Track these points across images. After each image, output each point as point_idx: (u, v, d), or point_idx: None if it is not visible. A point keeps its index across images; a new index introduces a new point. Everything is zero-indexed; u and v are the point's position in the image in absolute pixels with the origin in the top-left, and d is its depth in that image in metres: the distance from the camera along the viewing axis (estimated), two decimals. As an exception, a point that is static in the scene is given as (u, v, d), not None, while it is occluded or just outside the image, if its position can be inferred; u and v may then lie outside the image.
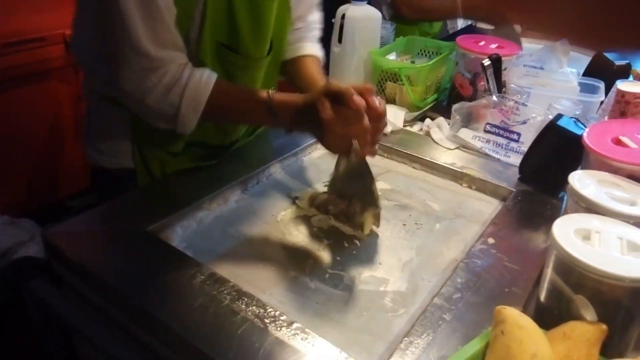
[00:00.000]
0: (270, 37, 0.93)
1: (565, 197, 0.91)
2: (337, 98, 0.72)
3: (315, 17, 1.07)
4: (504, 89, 1.16)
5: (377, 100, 0.75)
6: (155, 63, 0.77)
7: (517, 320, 0.53)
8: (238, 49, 0.88)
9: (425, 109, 1.26)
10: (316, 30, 1.07)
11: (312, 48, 1.04)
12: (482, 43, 1.25)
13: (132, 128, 0.91)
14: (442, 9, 1.67)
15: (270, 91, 0.81)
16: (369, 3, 1.28)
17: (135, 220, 0.78)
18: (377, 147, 0.82)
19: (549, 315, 0.62)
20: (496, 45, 1.24)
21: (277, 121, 0.82)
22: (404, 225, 0.86)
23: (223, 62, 0.89)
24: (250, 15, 0.86)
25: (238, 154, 1.01)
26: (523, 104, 1.05)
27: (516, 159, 1.01)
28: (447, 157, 1.05)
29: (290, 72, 1.02)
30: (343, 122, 0.72)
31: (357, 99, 0.71)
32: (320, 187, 0.93)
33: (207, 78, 0.81)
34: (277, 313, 0.61)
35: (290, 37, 1.01)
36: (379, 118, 0.76)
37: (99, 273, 0.67)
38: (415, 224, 0.87)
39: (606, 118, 1.01)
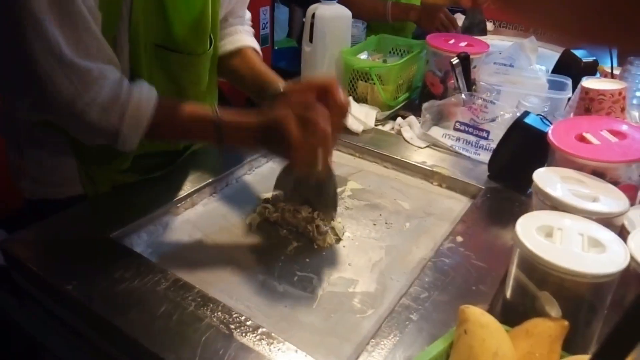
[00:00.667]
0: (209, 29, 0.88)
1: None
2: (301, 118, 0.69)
3: (248, 15, 1.05)
4: (474, 87, 1.17)
5: (342, 95, 0.74)
6: (83, 76, 0.69)
7: (479, 319, 0.53)
8: (177, 47, 0.83)
9: (397, 107, 1.26)
10: (250, 27, 1.04)
11: (251, 40, 1.00)
12: (451, 41, 1.25)
13: (74, 150, 0.84)
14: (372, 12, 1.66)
15: (217, 110, 0.76)
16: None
17: (98, 226, 0.76)
18: (336, 140, 0.79)
19: (515, 313, 0.63)
20: (465, 43, 1.25)
21: (225, 142, 0.76)
22: (374, 225, 0.86)
23: (162, 64, 0.83)
24: (184, 8, 0.81)
25: (199, 157, 0.99)
26: (492, 102, 1.06)
27: (486, 157, 1.02)
28: (418, 155, 1.05)
29: (230, 65, 0.97)
30: (308, 136, 0.69)
31: (323, 123, 0.69)
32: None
33: (147, 95, 0.75)
34: (243, 318, 0.61)
35: (224, 32, 0.97)
36: (342, 114, 0.75)
37: (59, 283, 0.65)
38: (386, 223, 0.86)
39: (572, 115, 1.02)
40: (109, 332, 0.61)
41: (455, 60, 1.10)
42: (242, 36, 0.99)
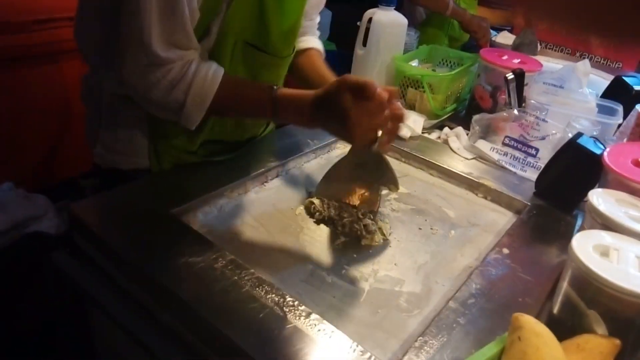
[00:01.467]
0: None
1: (580, 215, 0.93)
2: (358, 91, 0.70)
3: (318, 19, 1.09)
4: (524, 104, 1.17)
5: (399, 104, 0.76)
6: (161, 61, 0.75)
7: (534, 327, 0.54)
8: (266, 48, 0.88)
9: (443, 117, 1.27)
10: (316, 30, 1.08)
11: (317, 42, 1.05)
12: (505, 57, 1.26)
13: (149, 125, 0.89)
14: None
15: (275, 86, 0.79)
16: (396, 9, 1.29)
17: (159, 202, 0.79)
18: (390, 146, 0.82)
19: (561, 328, 0.63)
20: (519, 60, 1.26)
21: (284, 117, 0.81)
22: (420, 229, 0.87)
23: (247, 60, 0.88)
24: (279, 13, 0.86)
25: (257, 148, 1.02)
26: (543, 120, 1.06)
27: (532, 174, 1.02)
28: (464, 166, 1.06)
29: (297, 64, 1.01)
30: (366, 113, 0.70)
31: (380, 91, 0.69)
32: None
33: (213, 74, 0.79)
34: (296, 303, 0.63)
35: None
36: (398, 120, 0.76)
37: (121, 249, 0.68)
38: (431, 229, 0.88)
39: (625, 140, 1.02)
40: (167, 300, 0.64)
41: (510, 76, 1.11)
42: (309, 38, 1.04)
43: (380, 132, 0.74)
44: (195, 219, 0.80)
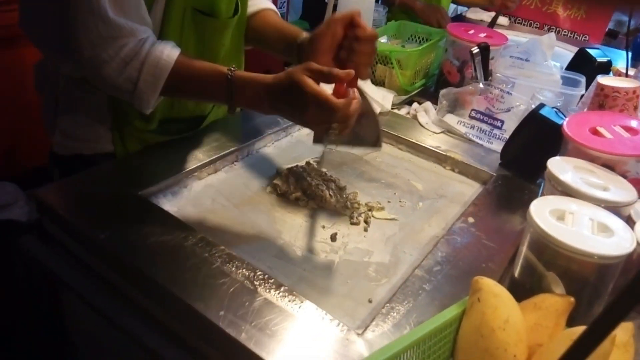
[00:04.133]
0: None
1: (543, 182, 0.96)
2: (321, 78, 0.68)
3: None
4: (490, 78, 1.19)
5: (366, 26, 0.77)
6: (113, 31, 0.73)
7: (492, 288, 0.57)
8: (212, 12, 0.86)
9: (413, 93, 1.28)
10: None
11: (269, 3, 1.03)
12: (471, 32, 1.28)
13: (108, 108, 0.87)
14: None
15: (232, 70, 0.75)
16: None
17: (126, 184, 0.79)
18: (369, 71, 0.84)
19: (522, 290, 0.66)
20: (485, 34, 1.27)
21: (240, 103, 0.77)
22: (389, 202, 0.89)
23: (197, 27, 0.86)
24: None
25: (226, 127, 1.02)
26: (508, 93, 1.09)
27: (498, 146, 1.05)
28: (432, 140, 1.08)
29: (253, 28, 0.99)
30: (322, 117, 0.68)
31: (342, 75, 0.67)
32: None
33: (168, 54, 0.76)
34: (267, 276, 0.64)
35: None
36: (370, 40, 0.77)
37: (91, 231, 0.69)
38: (399, 201, 0.90)
39: (585, 110, 1.05)
40: (139, 280, 0.65)
41: (475, 50, 1.13)
42: (261, 0, 1.01)
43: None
44: (164, 200, 0.80)
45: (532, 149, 0.95)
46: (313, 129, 0.77)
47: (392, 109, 1.20)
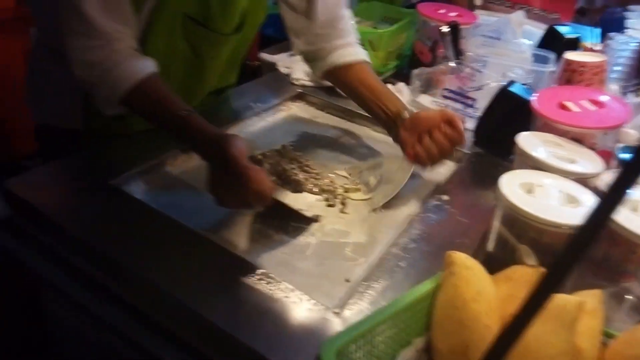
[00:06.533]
0: (240, 13, 0.90)
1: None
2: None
3: (345, 24, 1.00)
4: (461, 57, 1.20)
5: (461, 126, 0.82)
6: (91, 30, 0.72)
7: (464, 262, 0.58)
8: (207, 23, 0.85)
9: (386, 74, 1.29)
10: (350, 34, 1.00)
11: (363, 53, 1.00)
12: (442, 11, 1.28)
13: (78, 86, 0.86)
14: None
15: (187, 114, 0.74)
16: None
17: (97, 173, 0.78)
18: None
19: (496, 263, 0.68)
20: (455, 13, 1.28)
21: (186, 145, 0.78)
22: (365, 184, 0.90)
23: (187, 34, 0.85)
24: None
25: (201, 113, 1.00)
26: (479, 71, 1.10)
27: (471, 124, 1.06)
28: (406, 121, 1.08)
29: (346, 80, 0.97)
30: (233, 195, 0.67)
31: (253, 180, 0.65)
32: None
33: (135, 71, 0.75)
34: (242, 260, 0.64)
35: (334, 42, 0.97)
36: (459, 143, 0.83)
37: (63, 223, 0.68)
38: (375, 182, 0.90)
39: (553, 86, 1.06)
40: (114, 270, 0.64)
41: (445, 29, 1.13)
42: (354, 49, 0.99)
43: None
44: (137, 188, 0.80)
45: (503, 125, 0.96)
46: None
47: (366, 91, 1.20)
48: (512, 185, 0.66)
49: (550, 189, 0.66)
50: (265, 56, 1.41)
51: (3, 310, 1.04)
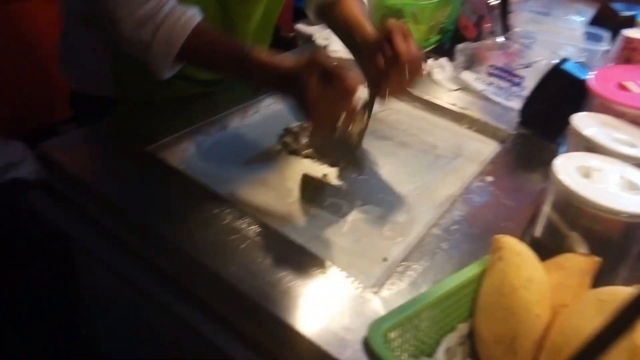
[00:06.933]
0: None
1: (563, 141, 0.92)
2: (326, 75, 0.64)
3: None
4: (509, 32, 1.14)
5: (404, 44, 0.69)
6: None
7: (514, 247, 0.54)
8: None
9: (427, 49, 1.23)
10: None
11: None
12: (490, -16, 1.21)
13: (113, 53, 0.85)
14: None
15: (248, 49, 0.73)
16: None
17: (132, 139, 0.77)
18: (403, 93, 0.79)
19: (543, 250, 0.64)
20: (504, -14, 1.21)
21: (251, 81, 0.75)
22: (403, 161, 0.86)
23: None
24: None
25: (234, 84, 0.98)
26: (528, 48, 1.04)
27: (517, 103, 1.01)
28: (448, 97, 1.04)
29: (331, 16, 0.91)
30: (328, 101, 0.65)
31: (350, 80, 0.63)
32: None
33: (186, 20, 0.73)
34: (278, 233, 0.62)
35: None
36: (409, 63, 0.69)
37: (98, 187, 0.67)
38: (415, 160, 0.87)
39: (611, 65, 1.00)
40: (149, 237, 0.63)
41: (494, 2, 1.07)
42: None
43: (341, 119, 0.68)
44: (172, 156, 0.78)
45: (553, 105, 0.91)
46: (315, 123, 0.69)
47: (406, 65, 1.15)
48: (567, 167, 0.62)
49: (609, 173, 0.61)
50: (302, 27, 1.37)
51: (38, 270, 1.06)
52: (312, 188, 0.77)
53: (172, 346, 0.77)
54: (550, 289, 0.53)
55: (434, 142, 0.93)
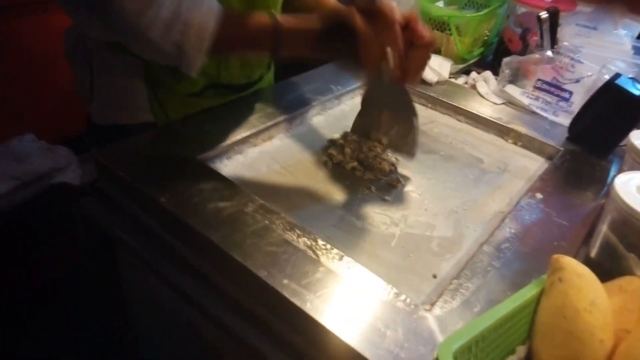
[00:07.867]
0: None
1: (615, 161, 0.90)
2: (370, 13, 0.69)
3: None
4: (556, 46, 1.12)
5: (423, 28, 0.73)
6: None
7: (575, 268, 0.53)
8: None
9: (470, 62, 1.22)
10: None
11: None
12: (536, -3, 1.20)
13: (146, 72, 0.84)
14: None
15: (277, 19, 0.73)
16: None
17: (182, 148, 0.78)
18: (420, 77, 0.80)
19: (598, 271, 0.62)
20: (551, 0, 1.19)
21: (287, 49, 0.75)
22: (449, 175, 0.85)
23: None
24: None
25: (278, 94, 0.99)
26: (578, 62, 1.02)
27: (564, 119, 0.99)
28: (493, 111, 1.02)
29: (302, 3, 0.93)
30: (376, 30, 0.69)
31: (390, 11, 0.69)
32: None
33: (209, 8, 0.71)
34: (329, 246, 0.62)
35: None
36: (425, 47, 0.73)
37: (150, 193, 0.67)
38: (461, 174, 0.86)
39: (665, 81, 0.97)
40: (197, 243, 0.63)
41: (544, 15, 1.05)
42: None
43: (389, 50, 0.71)
44: (221, 165, 0.79)
45: (605, 122, 0.88)
46: (364, 57, 0.72)
47: (449, 78, 1.14)
48: (628, 186, 0.60)
49: (672, 194, 0.59)
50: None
51: (83, 271, 1.09)
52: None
53: (213, 352, 0.77)
54: (612, 313, 0.52)
55: (479, 156, 0.92)
